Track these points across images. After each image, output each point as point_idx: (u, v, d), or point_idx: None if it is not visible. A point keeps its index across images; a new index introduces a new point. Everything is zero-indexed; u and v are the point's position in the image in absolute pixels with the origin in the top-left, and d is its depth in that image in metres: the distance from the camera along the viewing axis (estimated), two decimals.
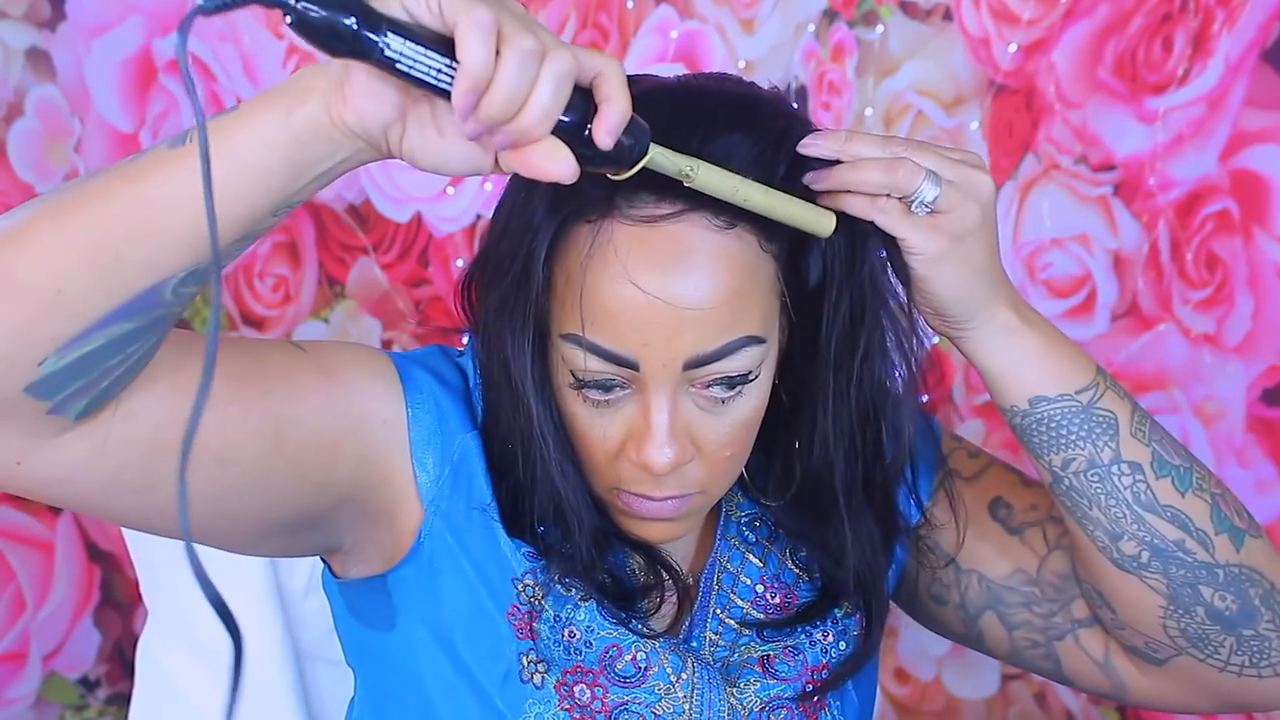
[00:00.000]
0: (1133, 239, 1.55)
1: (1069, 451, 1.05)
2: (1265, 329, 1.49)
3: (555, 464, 1.03)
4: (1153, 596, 1.06)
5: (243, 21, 2.08)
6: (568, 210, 0.98)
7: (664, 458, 0.99)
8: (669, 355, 0.98)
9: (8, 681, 2.23)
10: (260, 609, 1.35)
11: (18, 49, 2.20)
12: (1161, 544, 1.05)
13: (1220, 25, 1.47)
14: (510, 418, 1.05)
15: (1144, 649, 1.10)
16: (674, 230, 0.97)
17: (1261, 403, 1.51)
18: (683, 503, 1.04)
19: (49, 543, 2.25)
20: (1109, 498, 1.05)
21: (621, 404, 1.01)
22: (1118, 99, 1.54)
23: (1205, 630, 1.07)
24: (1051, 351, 1.05)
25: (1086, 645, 1.14)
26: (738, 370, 1.00)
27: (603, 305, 0.97)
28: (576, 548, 1.06)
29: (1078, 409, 1.05)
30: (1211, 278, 1.51)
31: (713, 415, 1.02)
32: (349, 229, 2.09)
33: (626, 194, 0.96)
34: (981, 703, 1.75)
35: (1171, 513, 1.05)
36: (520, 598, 1.07)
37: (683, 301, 0.96)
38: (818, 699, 1.13)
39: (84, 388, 0.84)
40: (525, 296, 1.00)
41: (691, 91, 1.03)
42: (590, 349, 0.98)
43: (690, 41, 1.78)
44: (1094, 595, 1.11)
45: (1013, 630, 1.17)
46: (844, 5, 1.69)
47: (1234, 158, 1.48)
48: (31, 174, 2.23)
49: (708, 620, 1.13)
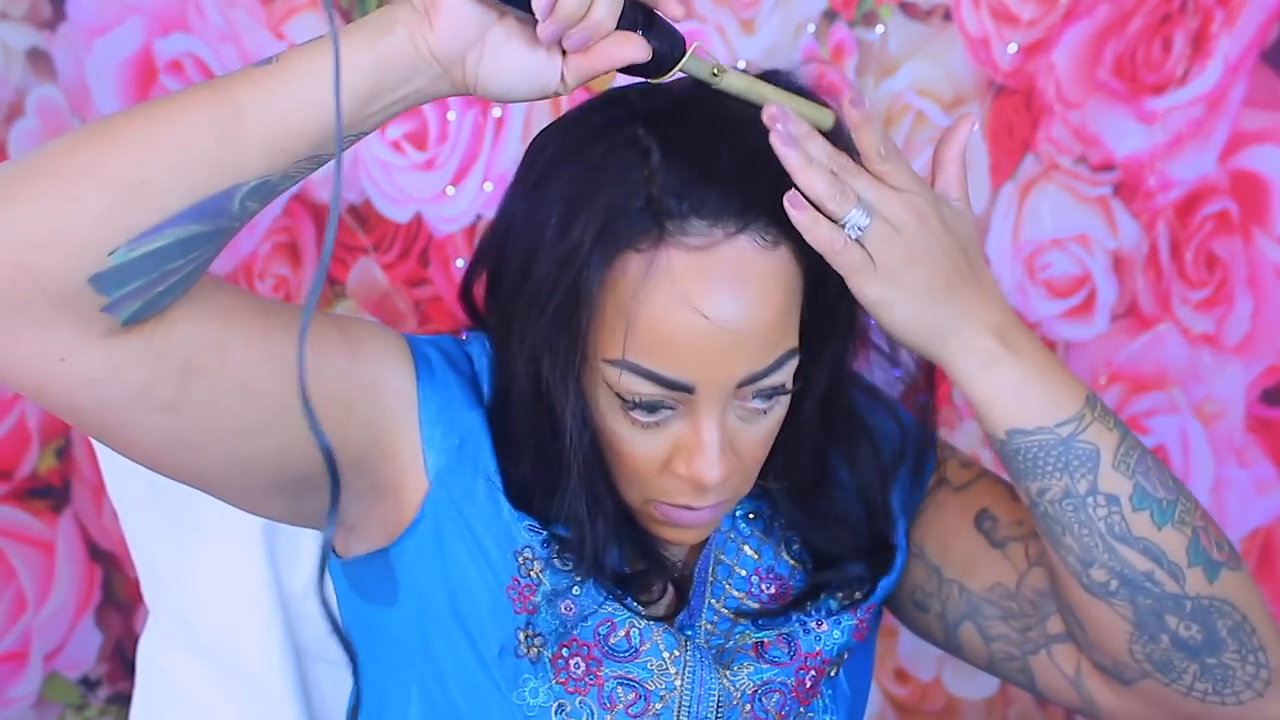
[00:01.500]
0: (1132, 239, 1.55)
1: (1044, 481, 1.04)
2: (1265, 329, 1.49)
3: (586, 484, 1.05)
4: (1120, 622, 1.06)
5: (243, 22, 2.08)
6: (611, 242, 0.98)
7: (716, 473, 1.01)
8: (725, 377, 1.00)
9: (8, 681, 2.23)
10: (260, 609, 1.34)
11: (18, 49, 2.20)
12: (1130, 574, 1.04)
13: (1219, 26, 1.47)
14: (542, 435, 1.05)
15: (1112, 669, 1.10)
16: (728, 255, 0.98)
17: (1261, 403, 1.51)
18: (721, 508, 1.07)
19: (49, 542, 2.25)
20: (1082, 527, 1.04)
21: (669, 423, 1.02)
22: (1117, 99, 1.54)
23: (1170, 656, 1.06)
24: (1033, 383, 1.03)
25: (1059, 661, 1.14)
26: (781, 383, 1.02)
27: (659, 332, 0.98)
28: (587, 546, 1.07)
29: (1055, 441, 1.03)
30: (1211, 278, 1.51)
31: (750, 425, 1.04)
32: (349, 229, 2.09)
33: (676, 222, 0.98)
34: (981, 703, 1.75)
35: (1144, 545, 1.04)
36: (521, 570, 1.07)
37: (743, 326, 0.98)
38: (811, 685, 1.14)
39: (142, 288, 0.88)
40: (574, 327, 1.00)
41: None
42: (646, 375, 0.99)
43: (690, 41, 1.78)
44: (1067, 613, 1.11)
45: (990, 642, 1.17)
46: (844, 5, 1.69)
47: (1233, 158, 1.48)
48: None
49: (703, 609, 1.14)
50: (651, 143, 1.00)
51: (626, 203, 0.98)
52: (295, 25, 2.06)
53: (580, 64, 0.92)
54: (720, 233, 0.98)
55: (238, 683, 1.36)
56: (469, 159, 1.97)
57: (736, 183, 0.98)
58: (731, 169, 0.99)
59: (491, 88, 0.93)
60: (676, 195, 0.98)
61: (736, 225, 0.98)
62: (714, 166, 0.99)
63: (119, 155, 0.87)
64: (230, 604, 1.35)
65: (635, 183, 0.99)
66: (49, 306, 0.86)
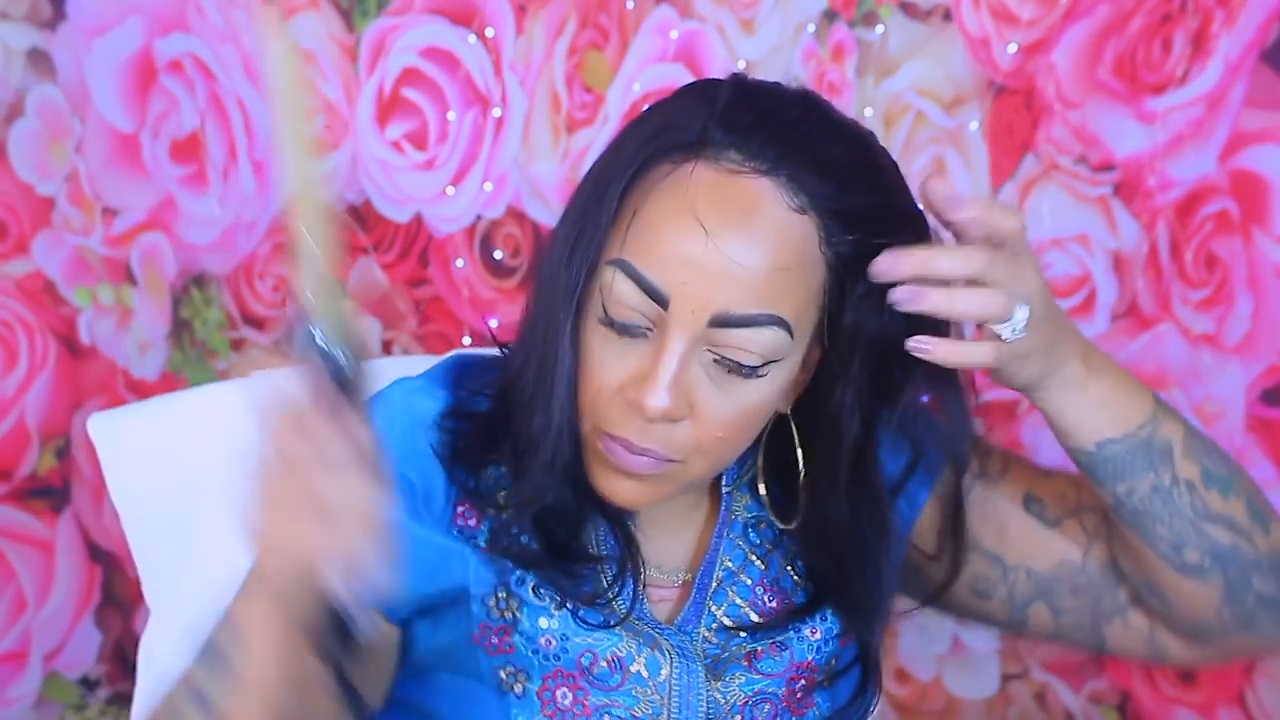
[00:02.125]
0: (1132, 239, 1.56)
1: (1133, 481, 1.10)
2: (1265, 329, 1.49)
3: (561, 385, 1.04)
4: (1211, 593, 1.13)
5: (243, 22, 2.08)
6: (654, 148, 1.02)
7: (659, 401, 1.00)
8: (700, 302, 1.00)
9: (8, 681, 2.23)
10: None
11: (18, 49, 2.20)
12: (1219, 549, 1.11)
13: (1219, 26, 1.47)
14: (534, 338, 1.06)
15: (1192, 631, 1.17)
16: (749, 187, 1.00)
17: (1261, 403, 1.51)
18: (658, 465, 1.04)
19: (49, 543, 2.25)
20: (1172, 515, 1.10)
21: (636, 346, 1.02)
22: (1117, 99, 1.54)
23: (1254, 612, 1.14)
24: (1117, 394, 1.09)
25: (1134, 625, 1.19)
26: (758, 347, 1.01)
27: (656, 232, 1.01)
28: (536, 474, 1.06)
29: (1139, 443, 1.09)
30: (1211, 278, 1.51)
31: (718, 389, 1.03)
32: (349, 229, 2.09)
33: (715, 148, 1.01)
34: (981, 703, 1.75)
35: (1224, 519, 1.11)
36: (491, 615, 1.08)
37: (735, 255, 0.99)
38: (803, 695, 1.14)
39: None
40: (594, 224, 1.03)
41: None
42: (631, 275, 1.01)
43: (690, 41, 1.78)
44: (1149, 592, 1.15)
45: (1060, 616, 1.20)
46: (844, 5, 1.69)
47: (1233, 158, 1.48)
48: (32, 174, 2.24)
49: (702, 616, 1.13)
50: (727, 92, 1.05)
51: (681, 125, 1.03)
52: (295, 25, 2.06)
53: None
54: (749, 167, 1.01)
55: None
56: (469, 159, 1.97)
57: (787, 136, 1.02)
58: (791, 127, 1.02)
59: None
60: (726, 128, 1.02)
61: (767, 167, 1.00)
62: (775, 118, 1.03)
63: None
64: (223, 606, 1.34)
65: (697, 114, 1.03)
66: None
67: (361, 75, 2.02)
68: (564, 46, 1.87)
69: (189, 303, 2.23)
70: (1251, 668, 1.55)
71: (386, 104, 2.01)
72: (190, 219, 2.19)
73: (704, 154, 1.02)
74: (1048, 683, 1.69)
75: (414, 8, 1.96)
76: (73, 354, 2.27)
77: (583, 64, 1.86)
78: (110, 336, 2.28)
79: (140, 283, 2.25)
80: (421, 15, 1.96)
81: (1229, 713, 1.57)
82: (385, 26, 1.99)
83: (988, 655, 1.73)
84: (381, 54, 2.00)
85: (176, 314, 2.24)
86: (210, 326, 2.22)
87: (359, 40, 2.01)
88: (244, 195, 2.14)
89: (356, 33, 2.01)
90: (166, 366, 2.26)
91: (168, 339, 2.26)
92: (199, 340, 2.24)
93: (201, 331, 2.23)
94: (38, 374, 2.25)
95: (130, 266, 2.25)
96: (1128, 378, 1.11)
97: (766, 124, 1.02)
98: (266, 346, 2.17)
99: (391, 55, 1.99)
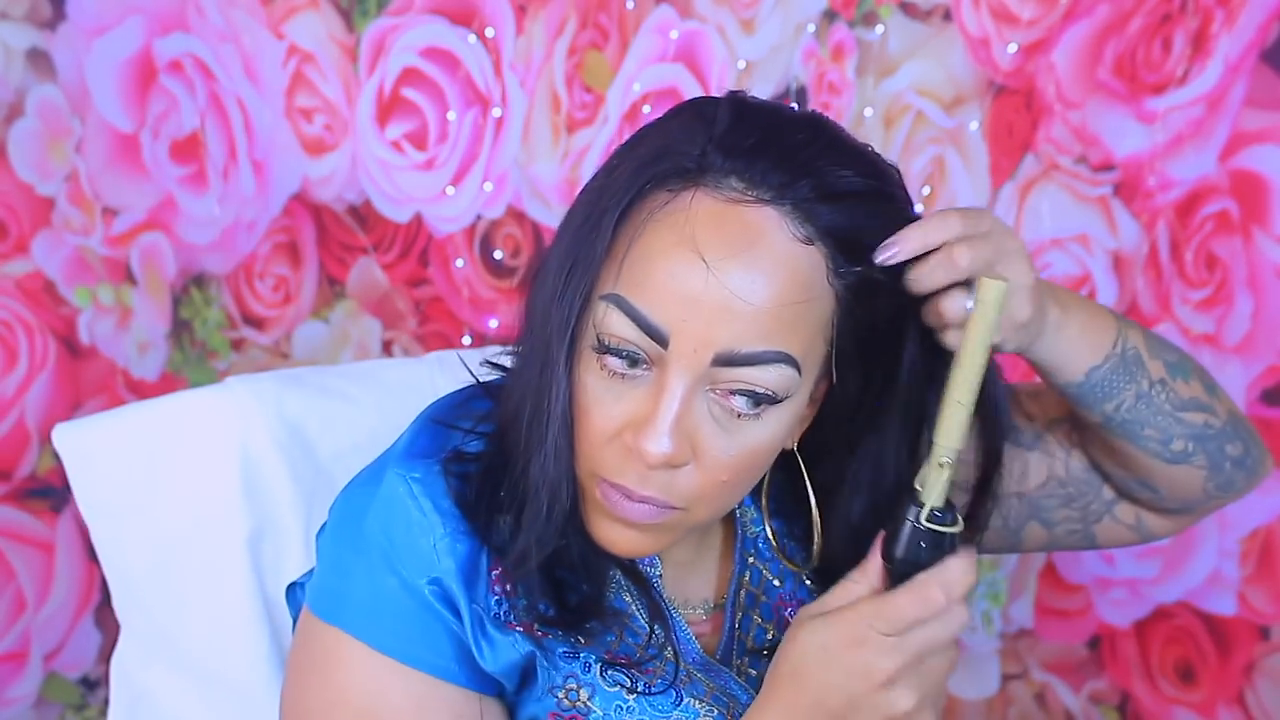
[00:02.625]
0: (1132, 239, 1.56)
1: (1119, 397, 1.11)
2: (1265, 329, 1.49)
3: (556, 429, 0.98)
4: (1198, 473, 1.17)
5: (243, 22, 2.08)
6: (650, 174, 0.97)
7: (660, 447, 0.95)
8: (702, 341, 0.94)
9: (8, 681, 2.23)
10: (246, 618, 1.31)
11: (18, 49, 2.20)
12: (1196, 431, 1.15)
13: (1219, 26, 1.47)
14: (528, 377, 1.01)
15: (1180, 508, 1.21)
16: (752, 218, 0.95)
17: (1261, 403, 1.51)
18: (659, 514, 0.99)
19: (49, 543, 2.25)
20: (1155, 415, 1.13)
21: (636, 385, 0.97)
22: (1117, 99, 1.54)
23: (1231, 477, 1.19)
24: (1090, 322, 1.09)
25: (1121, 518, 1.22)
26: (764, 385, 0.96)
27: (654, 266, 0.95)
28: (534, 527, 1.00)
29: (1117, 360, 1.10)
30: (1211, 278, 1.51)
31: (722, 430, 0.97)
32: (349, 229, 2.09)
33: (716, 175, 0.96)
34: (981, 703, 1.75)
35: (1194, 402, 1.14)
36: (561, 705, 1.03)
37: (738, 290, 0.94)
38: None
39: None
40: (588, 255, 0.97)
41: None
42: (628, 312, 0.95)
43: (690, 41, 1.78)
44: (1141, 486, 1.18)
45: (1053, 528, 1.23)
46: (844, 5, 1.69)
47: (1233, 158, 1.48)
48: (31, 174, 2.23)
49: (734, 648, 1.10)
50: (726, 113, 0.99)
51: (678, 150, 0.97)
52: (295, 25, 2.06)
53: None
54: (753, 196, 0.95)
55: (223, 695, 1.32)
56: (469, 159, 1.97)
57: (792, 162, 0.96)
58: (796, 151, 0.97)
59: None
60: (726, 153, 0.96)
61: (772, 195, 0.95)
62: (777, 142, 0.97)
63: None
64: (214, 615, 1.31)
65: (695, 138, 0.97)
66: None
67: (361, 75, 2.02)
68: (564, 46, 1.87)
69: (189, 303, 2.23)
70: (1251, 667, 1.55)
71: (386, 104, 2.01)
72: (190, 219, 2.20)
73: (703, 181, 0.95)
74: (1048, 683, 1.69)
75: (414, 8, 1.96)
76: (73, 354, 2.27)
77: (583, 64, 1.86)
78: (110, 336, 2.28)
79: (140, 283, 2.25)
80: (421, 15, 1.96)
81: (1229, 713, 1.57)
82: (385, 26, 1.99)
83: (988, 655, 1.73)
84: (381, 54, 2.00)
85: (176, 314, 2.24)
86: (210, 326, 2.22)
87: (359, 40, 2.01)
88: (244, 195, 2.14)
89: (356, 33, 2.01)
90: (166, 366, 2.26)
91: (167, 339, 2.25)
92: (199, 340, 2.24)
93: (201, 331, 2.23)
94: (38, 374, 2.25)
95: (130, 266, 2.25)
96: (1088, 303, 1.11)
97: (770, 148, 0.96)
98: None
99: (391, 55, 1.99)
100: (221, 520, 1.30)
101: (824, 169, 0.96)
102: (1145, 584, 1.62)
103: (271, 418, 1.31)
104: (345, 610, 1.02)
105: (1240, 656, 1.56)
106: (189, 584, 1.31)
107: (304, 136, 2.08)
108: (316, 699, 1.03)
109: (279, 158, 2.10)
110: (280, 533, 1.31)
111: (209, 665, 1.32)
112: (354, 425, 1.35)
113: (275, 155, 2.11)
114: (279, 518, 1.31)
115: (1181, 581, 1.60)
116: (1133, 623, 1.63)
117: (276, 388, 1.32)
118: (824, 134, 0.99)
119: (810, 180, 0.96)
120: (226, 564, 1.30)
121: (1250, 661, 1.55)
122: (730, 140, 0.96)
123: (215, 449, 1.30)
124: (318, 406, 1.34)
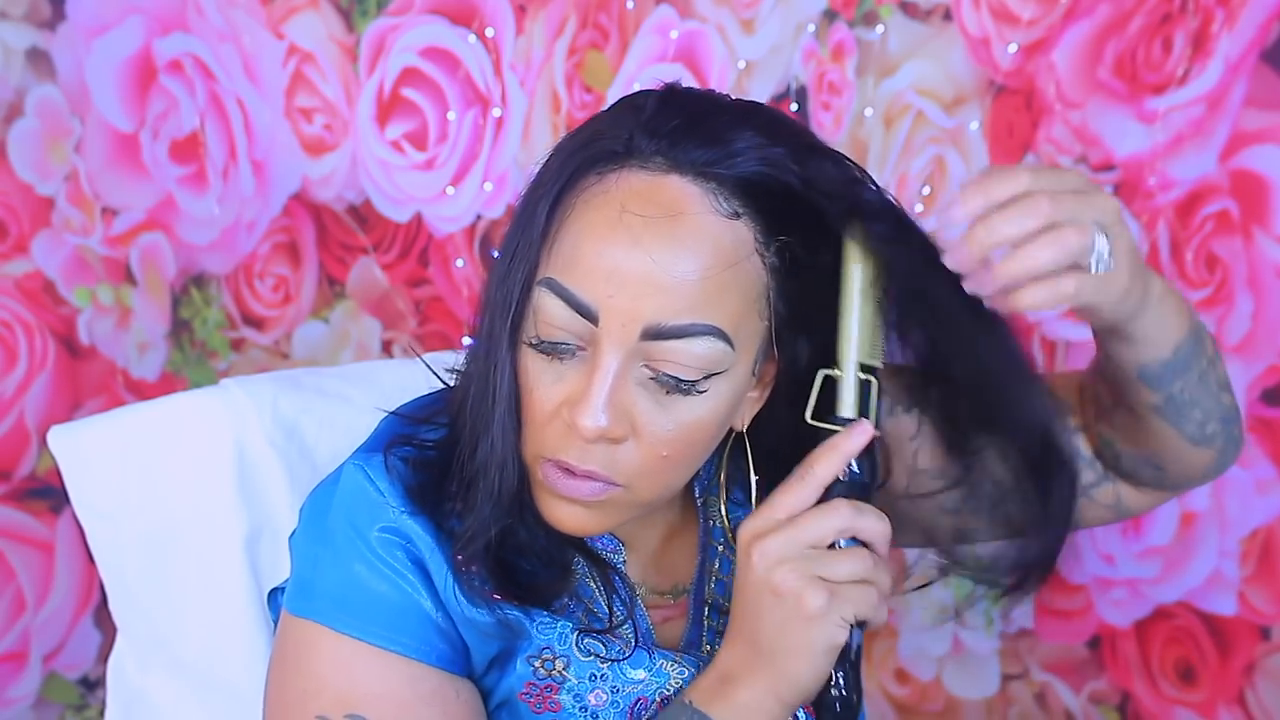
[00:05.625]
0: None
1: (1186, 376, 1.07)
2: (1265, 329, 1.49)
3: (502, 411, 1.01)
4: (1211, 454, 1.14)
5: (243, 22, 2.08)
6: (580, 159, 1.00)
7: (595, 421, 0.97)
8: (630, 315, 0.96)
9: (8, 681, 2.23)
10: (244, 621, 1.30)
11: (18, 49, 2.20)
12: (1227, 412, 1.12)
13: (1220, 25, 1.47)
14: (476, 363, 1.04)
15: (1175, 487, 1.18)
16: (675, 194, 0.97)
17: (1261, 403, 1.51)
18: (602, 489, 1.01)
19: (49, 543, 2.26)
20: (1205, 395, 1.09)
21: (574, 364, 0.99)
22: (1117, 99, 1.54)
23: (1227, 459, 1.17)
24: (1174, 293, 1.05)
25: (1100, 500, 1.19)
26: (696, 360, 0.98)
27: (581, 244, 0.97)
28: (482, 507, 1.02)
29: (1194, 334, 1.07)
30: (1211, 278, 1.51)
31: (658, 406, 0.99)
32: (349, 229, 2.09)
33: (643, 155, 0.98)
34: (981, 703, 1.75)
35: (1226, 381, 1.12)
36: (538, 674, 1.05)
37: (662, 262, 0.96)
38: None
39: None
40: (526, 241, 1.00)
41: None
42: (559, 293, 0.98)
43: (690, 41, 1.78)
44: (1141, 464, 1.15)
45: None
46: (844, 5, 1.68)
47: (1233, 158, 1.48)
48: (31, 174, 2.24)
49: (702, 636, 1.11)
50: (655, 101, 1.01)
51: (608, 135, 1.00)
52: (295, 25, 2.06)
53: None
54: (676, 172, 0.98)
55: (219, 696, 1.31)
56: (469, 159, 1.97)
57: (717, 141, 0.98)
58: (722, 131, 0.98)
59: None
60: (652, 134, 0.99)
61: (695, 172, 0.97)
62: (703, 122, 0.99)
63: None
64: (210, 617, 1.31)
65: (623, 124, 1.00)
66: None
67: (361, 75, 2.02)
68: (564, 46, 1.87)
69: (189, 303, 2.23)
70: (1252, 668, 1.55)
71: (386, 104, 2.01)
72: (190, 219, 2.20)
73: (629, 162, 0.98)
74: (1048, 683, 1.69)
75: (414, 8, 1.96)
76: (72, 354, 2.27)
77: (583, 64, 1.86)
78: (110, 336, 2.28)
79: (140, 283, 2.25)
80: (421, 15, 1.96)
81: (1229, 713, 1.57)
82: (385, 26, 1.99)
83: (988, 655, 1.73)
84: (381, 54, 2.00)
85: (176, 314, 2.24)
86: (210, 326, 2.22)
87: (359, 40, 2.01)
88: (244, 195, 2.14)
89: (356, 33, 2.01)
90: (166, 366, 2.26)
91: (167, 339, 2.26)
92: (199, 340, 2.24)
93: (201, 331, 2.23)
94: (37, 374, 2.25)
95: (130, 266, 2.25)
96: (1160, 275, 1.05)
97: (696, 129, 0.98)
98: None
99: (391, 55, 1.99)
100: (217, 522, 1.29)
101: (748, 148, 0.98)
102: (1145, 584, 1.62)
103: (267, 419, 1.31)
104: (317, 601, 1.04)
105: (1241, 657, 1.56)
106: (185, 586, 1.31)
107: (304, 136, 2.08)
108: (294, 691, 1.04)
109: (279, 157, 2.10)
110: (277, 535, 1.31)
111: (205, 667, 1.31)
112: (351, 426, 1.34)
113: (275, 155, 2.11)
114: (275, 520, 1.31)
115: (1182, 582, 1.60)
116: (1133, 623, 1.63)
117: (273, 389, 1.32)
118: (757, 117, 1.01)
119: (734, 158, 0.97)
120: (223, 566, 1.30)
121: (1251, 662, 1.55)
122: (655, 123, 0.99)
123: (211, 451, 1.30)
124: (314, 408, 1.34)
